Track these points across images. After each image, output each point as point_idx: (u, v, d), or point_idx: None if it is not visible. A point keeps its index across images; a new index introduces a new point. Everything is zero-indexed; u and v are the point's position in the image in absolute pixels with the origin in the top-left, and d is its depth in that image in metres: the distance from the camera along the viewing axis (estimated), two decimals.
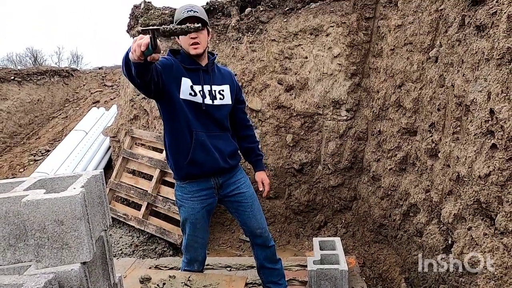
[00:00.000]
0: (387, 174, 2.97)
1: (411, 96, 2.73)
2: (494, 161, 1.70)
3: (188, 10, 1.86)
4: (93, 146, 5.15)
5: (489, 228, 1.78)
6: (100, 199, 1.22)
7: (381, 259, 2.91)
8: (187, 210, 2.05)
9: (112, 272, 1.27)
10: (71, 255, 1.03)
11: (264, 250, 2.24)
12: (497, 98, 1.69)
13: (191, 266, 2.21)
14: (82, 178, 1.14)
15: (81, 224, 1.02)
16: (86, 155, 4.98)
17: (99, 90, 8.48)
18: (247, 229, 2.20)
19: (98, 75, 9.45)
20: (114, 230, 3.80)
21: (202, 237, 2.14)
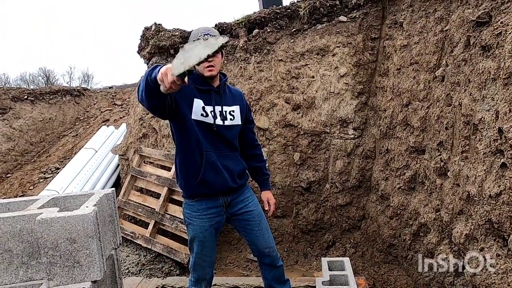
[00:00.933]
0: (396, 193, 2.95)
1: (418, 114, 2.73)
2: (504, 180, 1.69)
3: (204, 33, 1.89)
4: (102, 164, 5.21)
5: (502, 249, 1.75)
6: (111, 217, 1.23)
7: (391, 280, 2.85)
8: (195, 228, 2.05)
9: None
10: (82, 273, 1.04)
11: (272, 270, 2.22)
12: (505, 117, 1.69)
13: (199, 285, 2.19)
14: (94, 197, 1.16)
15: (93, 242, 1.03)
16: (95, 173, 5.03)
17: (109, 109, 8.64)
18: (255, 248, 2.19)
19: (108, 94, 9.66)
20: (121, 249, 3.78)
21: (210, 256, 2.14)
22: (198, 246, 2.07)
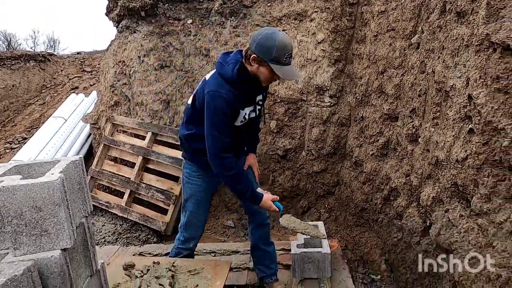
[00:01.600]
0: (369, 159, 3.03)
1: (393, 82, 2.76)
2: (471, 145, 1.75)
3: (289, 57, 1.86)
4: (72, 133, 5.02)
5: (465, 210, 1.85)
6: (80, 185, 1.19)
7: (363, 242, 2.99)
8: (193, 187, 2.15)
9: (94, 259, 1.26)
10: (50, 242, 1.00)
11: (259, 228, 2.36)
12: (475, 84, 1.72)
13: (187, 244, 2.27)
14: (60, 164, 1.11)
15: (60, 210, 0.99)
16: (66, 142, 4.85)
17: (78, 75, 8.21)
18: (245, 204, 2.33)
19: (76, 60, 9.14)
20: (97, 218, 3.74)
21: (204, 215, 2.27)
22: (194, 204, 2.17)
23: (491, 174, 1.65)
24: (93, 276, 1.25)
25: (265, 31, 1.86)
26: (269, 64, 1.83)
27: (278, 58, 1.82)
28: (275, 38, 1.80)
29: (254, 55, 1.84)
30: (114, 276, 1.89)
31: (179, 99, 3.90)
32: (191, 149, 2.12)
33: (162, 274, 1.78)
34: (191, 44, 3.87)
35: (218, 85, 1.88)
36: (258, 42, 1.81)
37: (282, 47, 1.81)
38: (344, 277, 2.45)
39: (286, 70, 1.87)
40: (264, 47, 1.81)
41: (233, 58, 1.94)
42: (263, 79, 1.92)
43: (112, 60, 4.53)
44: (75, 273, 1.13)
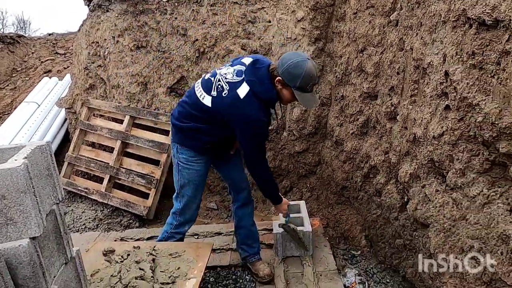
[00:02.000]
0: (349, 138, 3.05)
1: (372, 60, 2.75)
2: (447, 122, 1.78)
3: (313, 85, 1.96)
4: (47, 119, 4.82)
5: (441, 185, 1.89)
6: (48, 170, 1.14)
7: (343, 219, 3.05)
8: (191, 172, 2.15)
9: (68, 246, 1.22)
10: (18, 230, 0.96)
11: (244, 207, 2.40)
12: (452, 60, 1.73)
13: (182, 227, 2.29)
14: (25, 149, 1.05)
15: (26, 197, 0.95)
16: (40, 128, 4.66)
17: (50, 58, 7.84)
18: (232, 182, 2.39)
19: (48, 42, 8.70)
20: (76, 205, 3.67)
21: (200, 198, 2.31)
22: (192, 189, 2.19)
23: (465, 149, 1.69)
24: (68, 264, 1.22)
25: (295, 57, 1.91)
26: (292, 89, 1.92)
27: (302, 86, 1.91)
28: (303, 67, 1.88)
29: (280, 78, 1.92)
30: (93, 262, 1.87)
31: (157, 81, 3.79)
32: (201, 140, 2.09)
33: (143, 258, 1.77)
34: (168, 23, 3.73)
35: (257, 109, 1.94)
36: (286, 67, 1.89)
37: (308, 77, 1.90)
38: (326, 254, 2.50)
39: (308, 98, 1.99)
40: (291, 74, 1.89)
41: (265, 76, 1.96)
42: (284, 100, 2.04)
43: (84, 41, 4.33)
44: (48, 261, 1.10)
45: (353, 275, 2.37)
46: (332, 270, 2.33)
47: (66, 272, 1.20)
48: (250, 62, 2.02)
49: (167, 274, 1.71)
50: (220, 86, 1.97)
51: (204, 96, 2.00)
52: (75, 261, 1.26)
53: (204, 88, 2.03)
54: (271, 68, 1.99)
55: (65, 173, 3.89)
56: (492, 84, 1.49)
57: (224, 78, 1.99)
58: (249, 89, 1.92)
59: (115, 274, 1.61)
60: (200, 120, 2.05)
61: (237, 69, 2.01)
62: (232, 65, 2.07)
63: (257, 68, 1.99)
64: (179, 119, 2.10)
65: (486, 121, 1.50)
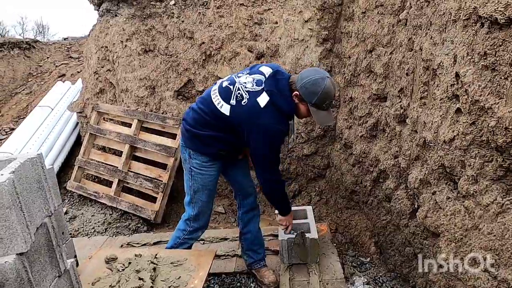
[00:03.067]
0: (359, 141, 2.97)
1: (381, 61, 2.66)
2: (458, 126, 1.69)
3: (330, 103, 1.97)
4: (59, 123, 4.90)
5: (452, 192, 1.80)
6: (39, 183, 1.12)
7: (353, 224, 2.97)
8: (205, 178, 2.14)
9: (62, 259, 1.20)
10: (4, 247, 0.94)
11: (251, 212, 2.37)
12: (463, 61, 1.64)
13: (196, 233, 2.29)
14: (14, 163, 1.04)
15: (11, 213, 0.93)
16: (53, 132, 4.74)
17: (64, 62, 8.00)
18: (239, 186, 2.36)
19: (62, 47, 8.88)
20: (86, 209, 3.70)
21: (212, 203, 2.30)
22: (207, 195, 2.19)
23: (478, 155, 1.60)
24: (62, 276, 1.20)
25: (314, 74, 1.91)
26: (308, 105, 1.93)
27: (319, 104, 1.91)
28: (321, 85, 1.87)
29: (297, 92, 1.92)
30: (96, 270, 1.86)
31: (164, 84, 3.79)
32: (216, 147, 2.09)
33: (144, 267, 1.75)
34: (175, 26, 3.73)
35: (277, 119, 1.93)
36: (304, 83, 1.89)
37: (325, 96, 1.90)
38: (333, 261, 2.43)
39: (323, 116, 1.98)
40: (309, 91, 1.88)
41: (285, 88, 1.96)
42: (300, 114, 2.04)
43: (94, 46, 4.38)
44: (39, 275, 1.08)
45: (362, 283, 2.29)
46: (339, 279, 2.26)
47: (60, 285, 1.19)
48: (270, 72, 2.00)
49: (167, 283, 1.68)
50: (240, 95, 1.95)
51: (222, 105, 1.98)
52: (69, 273, 1.24)
53: (222, 96, 2.00)
54: (290, 81, 1.98)
55: (75, 177, 3.93)
56: (506, 86, 1.40)
57: (243, 87, 1.97)
58: (269, 99, 1.92)
59: (113, 284, 1.59)
60: (217, 128, 2.03)
61: (256, 78, 1.99)
62: (250, 74, 2.03)
63: (278, 79, 1.97)
64: (195, 126, 2.07)
65: (499, 125, 1.42)
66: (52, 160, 4.34)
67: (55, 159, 4.41)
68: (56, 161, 4.41)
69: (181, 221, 2.28)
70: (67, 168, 4.51)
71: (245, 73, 2.06)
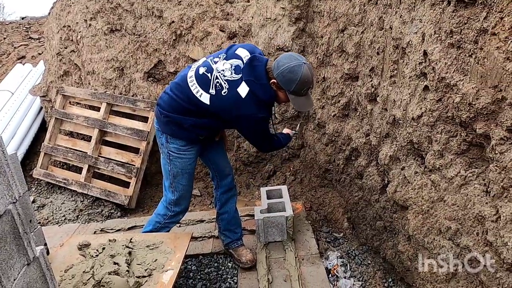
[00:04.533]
0: (331, 121, 3.01)
1: (353, 40, 2.68)
2: (425, 103, 1.74)
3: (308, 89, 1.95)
4: (21, 108, 4.62)
5: (420, 167, 1.88)
6: (0, 168, 1.06)
7: (326, 202, 3.05)
8: (184, 161, 2.11)
9: (30, 246, 1.16)
10: None
11: (227, 192, 2.37)
12: (430, 39, 1.68)
13: (177, 217, 2.27)
14: None
15: None
16: (14, 117, 4.47)
17: (23, 44, 7.49)
18: (215, 168, 2.35)
19: (21, 27, 8.30)
20: (55, 196, 3.57)
21: (192, 185, 2.27)
22: (186, 179, 2.17)
23: (443, 130, 1.66)
24: (31, 264, 1.16)
25: (290, 62, 1.87)
26: (287, 93, 1.92)
27: (297, 91, 1.90)
28: (298, 73, 1.85)
29: (275, 80, 1.90)
30: (68, 257, 1.81)
31: (133, 66, 3.65)
32: (195, 133, 2.07)
33: (118, 252, 1.72)
34: (142, 4, 3.56)
35: (258, 108, 1.93)
36: (281, 71, 1.87)
37: (303, 83, 1.88)
38: (308, 238, 2.50)
39: (302, 101, 1.98)
40: (286, 78, 1.86)
41: (263, 76, 1.93)
42: (279, 101, 2.04)
43: (55, 25, 4.13)
44: (6, 264, 1.04)
45: (335, 257, 2.38)
46: (314, 254, 2.33)
47: (29, 273, 1.14)
48: (247, 59, 1.95)
49: (144, 267, 1.67)
50: (219, 84, 1.92)
51: (202, 94, 1.94)
52: (39, 261, 1.20)
53: (200, 84, 1.95)
54: (267, 67, 1.95)
55: (42, 164, 3.77)
56: (470, 63, 1.45)
57: (222, 75, 1.93)
58: (249, 89, 1.90)
59: (87, 270, 1.56)
60: (196, 115, 2.00)
61: (234, 64, 1.95)
62: (227, 59, 1.98)
63: (255, 67, 1.93)
64: (172, 112, 2.02)
65: (463, 101, 1.47)
66: (16, 147, 4.13)
67: (18, 146, 4.19)
68: (20, 148, 4.20)
69: (160, 206, 2.25)
70: (32, 155, 4.31)
71: (222, 58, 2.00)
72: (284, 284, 2.11)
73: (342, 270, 2.27)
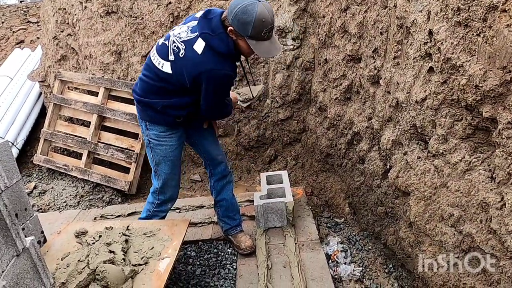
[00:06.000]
0: (333, 104, 2.94)
1: (356, 20, 2.57)
2: (430, 85, 1.67)
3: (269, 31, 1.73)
4: (20, 93, 4.58)
5: (423, 152, 1.82)
6: None
7: (328, 187, 3.01)
8: (165, 148, 2.04)
9: (18, 237, 1.13)
10: None
11: (222, 180, 2.31)
12: (436, 18, 1.59)
13: (164, 206, 2.22)
14: None
15: None
16: (14, 103, 4.44)
17: (22, 28, 7.38)
18: (207, 156, 2.27)
19: (19, 10, 8.17)
20: (56, 182, 3.58)
21: (179, 174, 2.20)
22: (169, 166, 2.08)
23: (448, 114, 1.60)
24: (21, 255, 1.14)
25: (243, 1, 1.67)
26: (246, 39, 1.73)
27: (255, 35, 1.70)
28: (252, 12, 1.64)
29: (231, 27, 1.72)
30: (65, 245, 1.80)
31: (131, 49, 3.57)
32: (171, 115, 1.96)
33: (115, 240, 1.70)
34: None
35: (219, 63, 1.76)
36: (234, 15, 1.68)
37: (260, 23, 1.67)
38: (308, 223, 2.47)
39: (266, 47, 1.75)
40: (241, 22, 1.67)
41: (218, 27, 1.75)
42: (243, 52, 1.85)
43: (51, 8, 4.03)
44: None
45: (336, 243, 2.36)
46: (314, 240, 2.31)
47: (19, 265, 1.12)
48: (201, 14, 1.82)
49: (140, 254, 1.65)
50: (176, 47, 1.79)
51: (163, 64, 1.83)
52: (29, 252, 1.17)
53: (160, 54, 1.85)
54: (223, 17, 1.76)
55: (42, 150, 3.76)
56: (478, 43, 1.37)
57: (178, 38, 1.80)
58: (205, 44, 1.74)
59: (82, 258, 1.54)
60: (167, 92, 1.90)
61: (191, 26, 1.81)
62: (185, 23, 1.87)
63: (209, 20, 1.78)
64: (145, 96, 1.95)
65: (469, 83, 1.40)
66: (16, 133, 4.11)
67: (19, 132, 4.18)
68: (20, 134, 4.18)
69: (150, 194, 2.23)
70: (33, 141, 4.30)
71: (180, 25, 1.90)
72: (284, 270, 2.10)
73: (342, 256, 2.25)
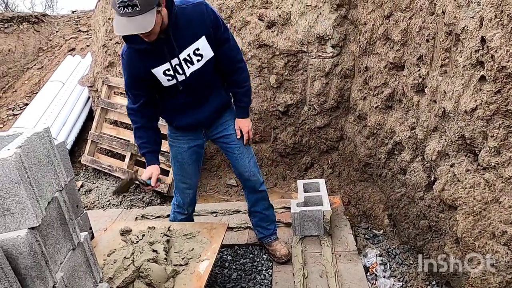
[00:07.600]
0: (373, 112, 2.87)
1: (399, 27, 2.51)
2: (481, 94, 1.59)
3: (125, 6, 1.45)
4: (71, 98, 4.91)
5: (472, 164, 1.73)
6: (48, 158, 1.11)
7: (366, 197, 2.94)
8: (175, 149, 2.12)
9: (75, 232, 1.21)
10: (15, 221, 0.95)
11: (253, 194, 2.26)
12: (490, 24, 1.52)
13: (181, 209, 2.27)
14: (21, 137, 1.02)
15: (20, 188, 0.92)
16: (65, 107, 4.75)
17: (74, 36, 7.92)
18: (235, 171, 2.23)
19: (71, 20, 8.77)
20: (101, 182, 3.77)
21: (190, 179, 2.18)
22: (177, 166, 2.14)
23: (502, 125, 1.51)
24: (76, 249, 1.21)
25: None
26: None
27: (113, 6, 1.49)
28: None
29: None
30: (111, 241, 1.90)
31: None
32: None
33: (157, 240, 1.77)
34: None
35: None
36: None
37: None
38: (346, 233, 2.42)
39: (117, 22, 1.50)
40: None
41: None
42: None
43: (101, 18, 4.29)
44: (53, 248, 1.09)
45: (374, 255, 2.29)
46: (352, 251, 2.26)
47: (74, 258, 1.20)
48: None
49: (181, 255, 1.71)
50: None
51: None
52: (83, 246, 1.25)
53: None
54: None
55: (89, 151, 3.98)
56: None
57: None
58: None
59: (128, 256, 1.62)
60: None
61: None
62: None
63: None
64: None
65: None
66: (66, 135, 4.40)
67: (69, 134, 4.46)
68: (69, 136, 4.46)
69: None
70: (81, 142, 4.57)
71: None
72: (320, 280, 2.06)
73: (381, 269, 2.18)
